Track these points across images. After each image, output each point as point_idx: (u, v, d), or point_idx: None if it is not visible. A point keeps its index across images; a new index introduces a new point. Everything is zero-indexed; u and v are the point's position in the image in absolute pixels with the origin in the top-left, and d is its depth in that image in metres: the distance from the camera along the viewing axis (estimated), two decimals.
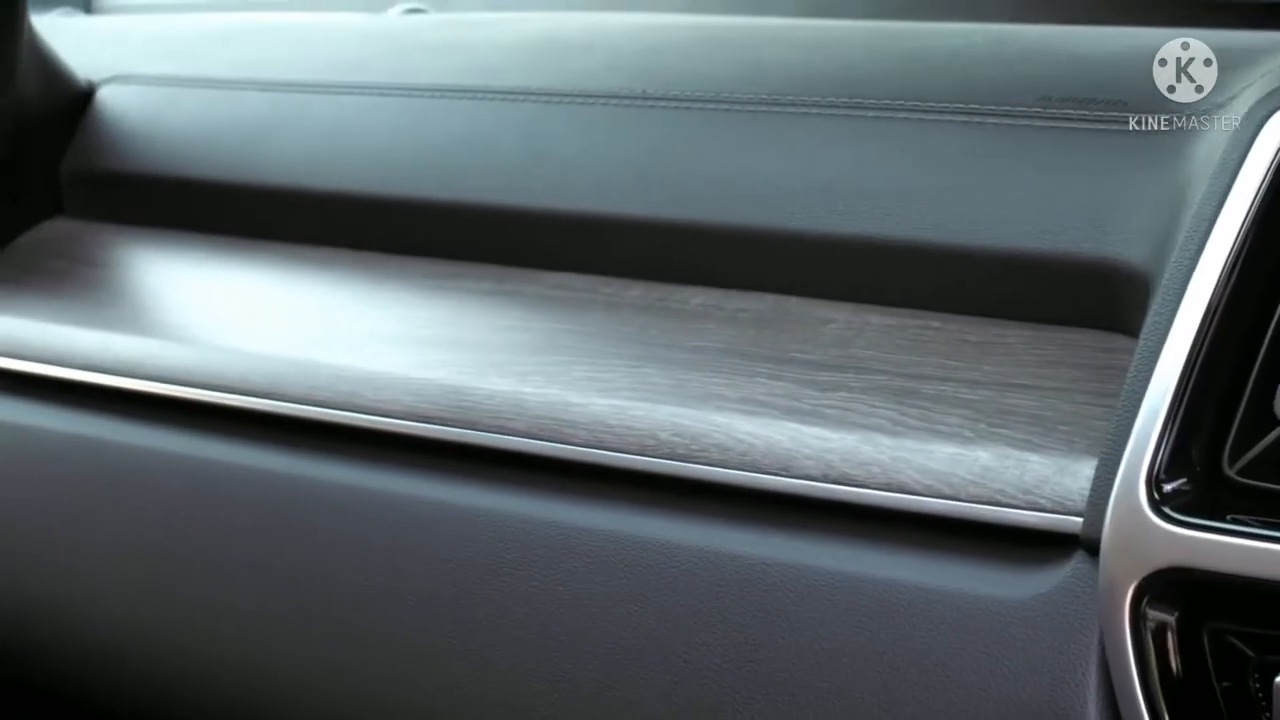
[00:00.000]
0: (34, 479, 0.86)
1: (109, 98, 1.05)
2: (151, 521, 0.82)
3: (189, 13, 1.37)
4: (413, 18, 1.16)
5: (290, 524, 0.79)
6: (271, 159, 0.95)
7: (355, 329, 0.83)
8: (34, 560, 0.86)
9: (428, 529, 0.75)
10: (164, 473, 0.82)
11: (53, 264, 0.98)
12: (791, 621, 0.65)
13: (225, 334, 0.85)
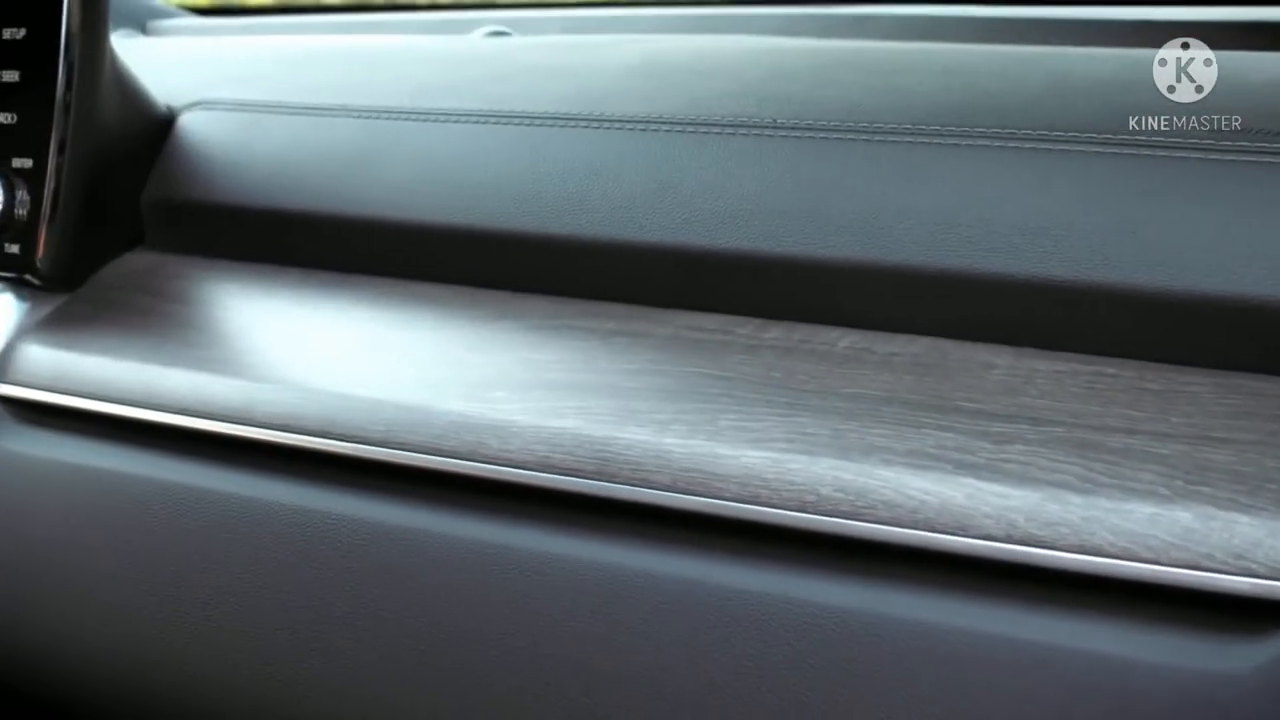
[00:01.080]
0: (131, 529, 0.83)
1: (191, 124, 1.02)
2: (260, 575, 0.79)
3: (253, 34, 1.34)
4: (505, 41, 1.12)
5: (410, 580, 0.75)
6: (371, 189, 0.91)
7: (473, 372, 0.79)
8: (133, 612, 0.82)
9: (563, 587, 0.71)
10: (272, 525, 0.79)
11: (138, 300, 0.94)
12: (973, 693, 0.61)
13: (331, 377, 0.82)
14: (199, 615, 0.80)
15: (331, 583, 0.77)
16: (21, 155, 0.95)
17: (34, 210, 0.95)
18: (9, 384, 0.91)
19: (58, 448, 0.88)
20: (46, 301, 0.96)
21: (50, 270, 0.95)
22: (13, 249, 0.95)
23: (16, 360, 0.92)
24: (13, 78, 0.96)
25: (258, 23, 1.62)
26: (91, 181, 0.96)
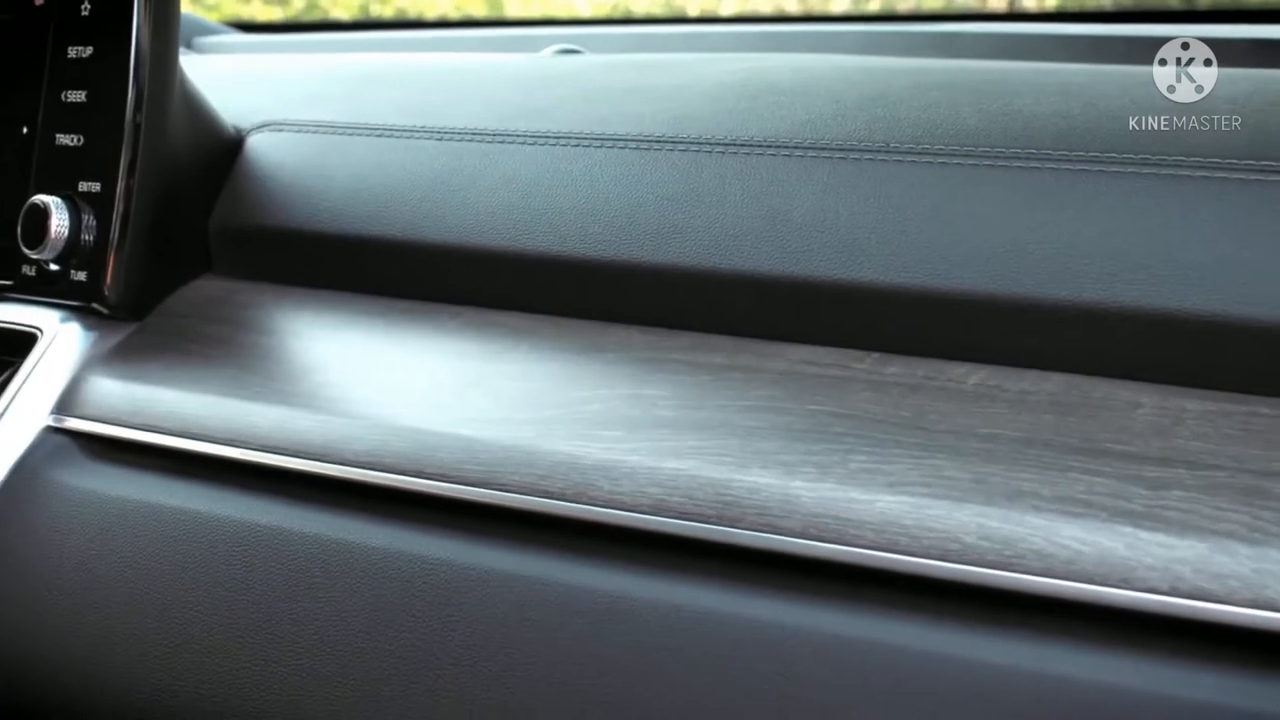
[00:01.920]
0: (207, 571, 0.79)
1: (260, 146, 0.99)
2: (347, 620, 0.75)
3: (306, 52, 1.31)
4: (582, 59, 1.10)
5: (514, 630, 0.72)
6: (458, 215, 0.88)
7: (577, 409, 0.76)
8: (210, 656, 0.79)
9: (683, 639, 0.68)
10: (361, 569, 0.76)
11: (209, 329, 0.91)
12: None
13: (420, 412, 0.79)
14: (281, 662, 0.77)
15: (426, 630, 0.74)
16: (89, 179, 0.92)
17: (102, 236, 0.91)
18: (78, 418, 0.88)
19: (130, 485, 0.85)
20: (114, 331, 0.93)
21: (119, 299, 0.92)
22: (79, 276, 0.92)
23: (86, 393, 0.89)
24: (79, 98, 0.93)
25: (308, 40, 1.59)
26: (160, 206, 0.93)
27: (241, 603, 0.79)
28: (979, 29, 1.19)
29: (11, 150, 0.97)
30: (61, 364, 0.90)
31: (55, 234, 0.91)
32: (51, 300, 0.94)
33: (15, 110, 0.97)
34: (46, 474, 0.87)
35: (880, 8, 1.36)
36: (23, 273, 0.94)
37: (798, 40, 1.23)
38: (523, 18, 1.45)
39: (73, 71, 0.93)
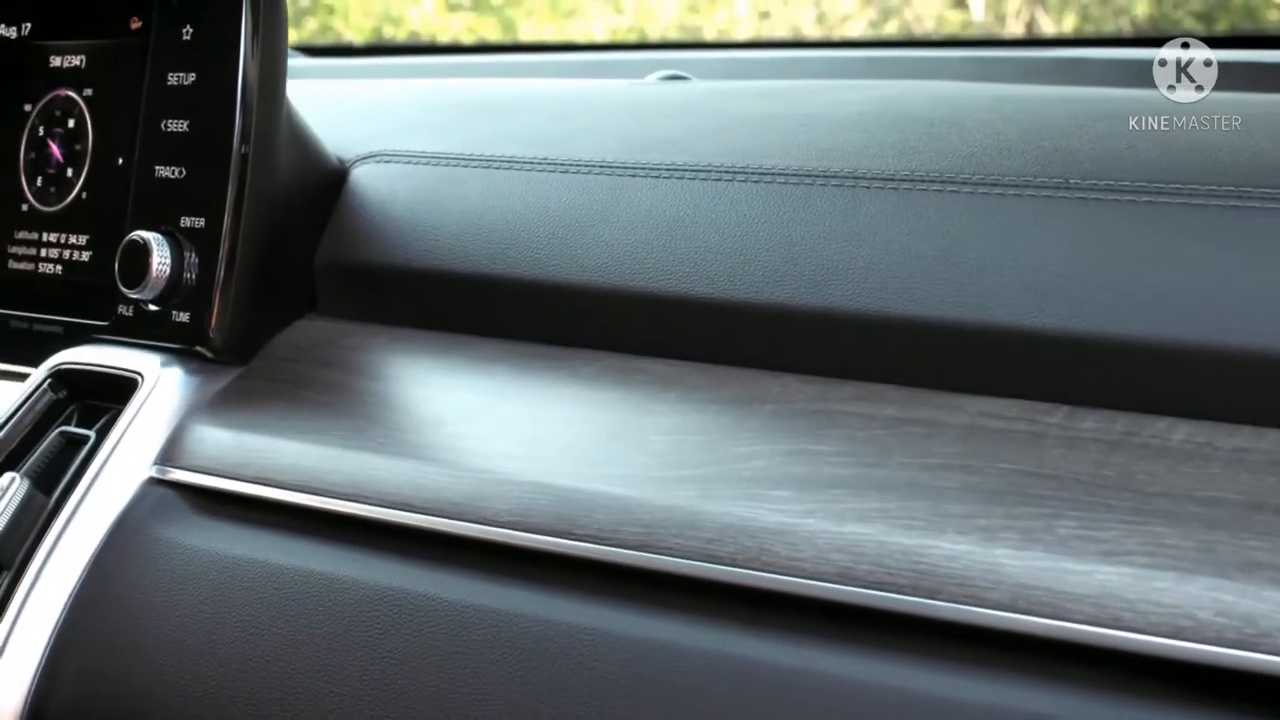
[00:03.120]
0: (326, 636, 0.75)
1: (366, 179, 0.94)
2: (498, 694, 0.71)
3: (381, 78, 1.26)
4: (701, 87, 1.05)
5: (684, 704, 0.67)
6: (587, 253, 0.84)
7: (742, 465, 0.71)
8: None
9: (877, 714, 0.63)
10: (512, 638, 0.71)
11: (322, 374, 0.87)
12: None
13: (568, 469, 0.74)
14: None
15: (583, 708, 0.69)
16: (192, 214, 0.87)
17: (205, 275, 0.87)
18: (185, 469, 0.84)
19: (243, 542, 0.80)
20: (217, 375, 0.89)
21: (224, 341, 0.87)
22: (181, 317, 0.87)
23: (191, 443, 0.84)
24: (180, 128, 0.89)
25: (379, 64, 1.55)
26: (267, 243, 0.89)
27: (371, 672, 0.74)
28: (1110, 54, 1.15)
29: (106, 183, 0.92)
30: (164, 411, 0.86)
31: (156, 273, 0.86)
32: (150, 343, 0.89)
33: (110, 140, 0.93)
34: (151, 529, 0.82)
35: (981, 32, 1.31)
36: (119, 313, 0.90)
37: (897, 66, 1.19)
38: (617, 41, 1.41)
39: (173, 99, 0.89)
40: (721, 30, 3.94)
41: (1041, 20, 3.59)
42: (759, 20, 4.29)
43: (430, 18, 3.75)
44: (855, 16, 4.05)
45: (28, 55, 0.98)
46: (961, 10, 3.86)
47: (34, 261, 0.95)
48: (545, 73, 1.41)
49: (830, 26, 4.07)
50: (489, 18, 3.78)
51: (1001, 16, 3.70)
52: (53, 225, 0.94)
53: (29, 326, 0.95)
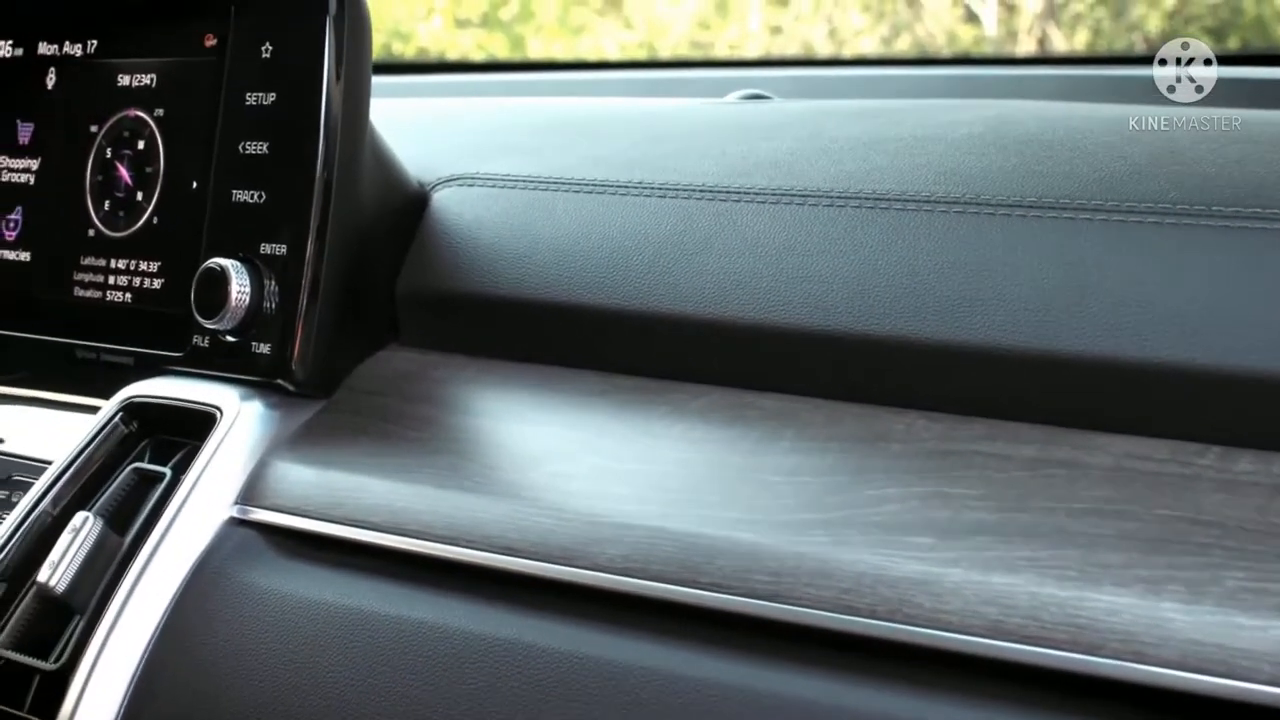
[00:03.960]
0: (443, 690, 0.71)
1: (449, 203, 0.91)
2: None
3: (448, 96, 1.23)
4: (789, 106, 1.02)
5: None
6: (691, 282, 0.81)
7: (869, 510, 0.68)
8: None
9: None
10: (630, 690, 0.68)
11: (411, 409, 0.84)
12: None
13: (684, 511, 0.71)
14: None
15: None
16: (272, 240, 0.84)
17: (287, 304, 0.84)
18: (267, 509, 0.80)
19: (334, 588, 0.77)
20: (298, 410, 0.86)
21: (306, 374, 0.84)
22: (262, 349, 0.84)
23: (273, 482, 0.81)
24: (259, 150, 0.85)
25: (439, 82, 1.52)
26: (350, 270, 0.86)
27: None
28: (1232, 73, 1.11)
29: (179, 207, 0.89)
30: (244, 448, 0.83)
31: (235, 302, 0.83)
32: (226, 375, 0.86)
33: (183, 163, 0.90)
34: (233, 573, 0.79)
35: None
36: (194, 344, 0.87)
37: (985, 85, 1.15)
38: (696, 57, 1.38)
39: (252, 120, 0.86)
40: (803, 46, 3.91)
41: (1054, 36, 3.58)
42: (770, 35, 4.27)
43: (439, 34, 3.72)
44: (867, 32, 4.04)
45: (94, 74, 0.95)
46: (974, 25, 3.85)
47: (101, 289, 0.92)
48: (608, 91, 1.38)
49: (842, 41, 4.06)
50: (498, 34, 3.75)
51: (1014, 32, 3.69)
52: (122, 251, 0.91)
53: (96, 357, 0.91)
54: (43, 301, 0.95)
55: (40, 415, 0.94)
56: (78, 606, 0.80)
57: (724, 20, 4.04)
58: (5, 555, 0.84)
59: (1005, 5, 3.74)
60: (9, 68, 0.99)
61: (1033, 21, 3.68)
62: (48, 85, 0.97)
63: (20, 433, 0.93)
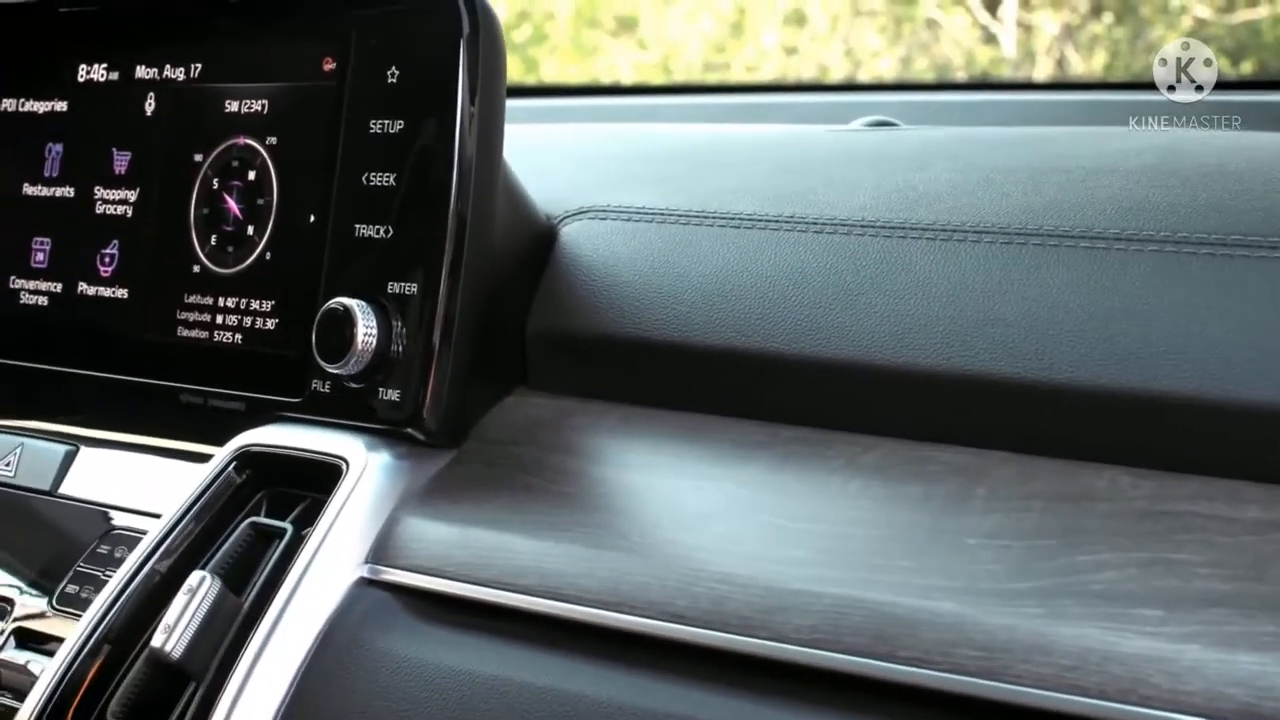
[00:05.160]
0: None
1: (580, 238, 0.87)
2: None
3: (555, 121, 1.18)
4: (924, 133, 0.98)
5: None
6: (857, 324, 0.76)
7: (1085, 578, 0.63)
8: None
9: None
10: None
11: (552, 460, 0.79)
12: None
13: (872, 578, 0.66)
14: None
15: None
16: (401, 279, 0.80)
17: (417, 348, 0.79)
18: (401, 569, 0.76)
19: (479, 656, 0.72)
20: (427, 460, 0.81)
21: (440, 423, 0.79)
22: (390, 395, 0.79)
23: (407, 539, 0.76)
24: (386, 181, 0.81)
25: (546, 106, 1.47)
26: (483, 311, 0.81)
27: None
28: None
29: (294, 242, 0.84)
30: (373, 502, 0.78)
31: (362, 344, 0.78)
32: (348, 423, 0.81)
33: (298, 194, 0.85)
34: (366, 637, 0.74)
35: None
36: (313, 389, 0.82)
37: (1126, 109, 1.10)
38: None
39: (377, 150, 0.81)
40: (819, 68, 3.89)
41: (1071, 58, 3.57)
42: (786, 56, 4.25)
43: None
44: (884, 53, 4.02)
45: (198, 100, 0.90)
46: (992, 47, 3.84)
47: (209, 329, 0.87)
48: (714, 117, 1.33)
49: (858, 61, 4.04)
50: (512, 57, 3.72)
51: (1032, 54, 3.67)
52: (231, 289, 0.86)
53: (203, 402, 0.86)
54: (143, 342, 0.90)
55: (142, 463, 0.89)
56: (195, 673, 0.75)
57: (739, 41, 4.02)
58: (113, 616, 0.79)
59: (1023, 27, 3.73)
60: (104, 93, 0.94)
61: (1051, 43, 3.67)
62: (147, 111, 0.92)
63: (122, 482, 0.88)
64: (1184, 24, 3.05)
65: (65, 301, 0.94)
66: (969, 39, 3.93)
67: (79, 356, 0.93)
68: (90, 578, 0.85)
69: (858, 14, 4.18)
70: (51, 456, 0.92)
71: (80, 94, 0.95)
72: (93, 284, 0.93)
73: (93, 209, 0.93)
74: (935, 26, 3.99)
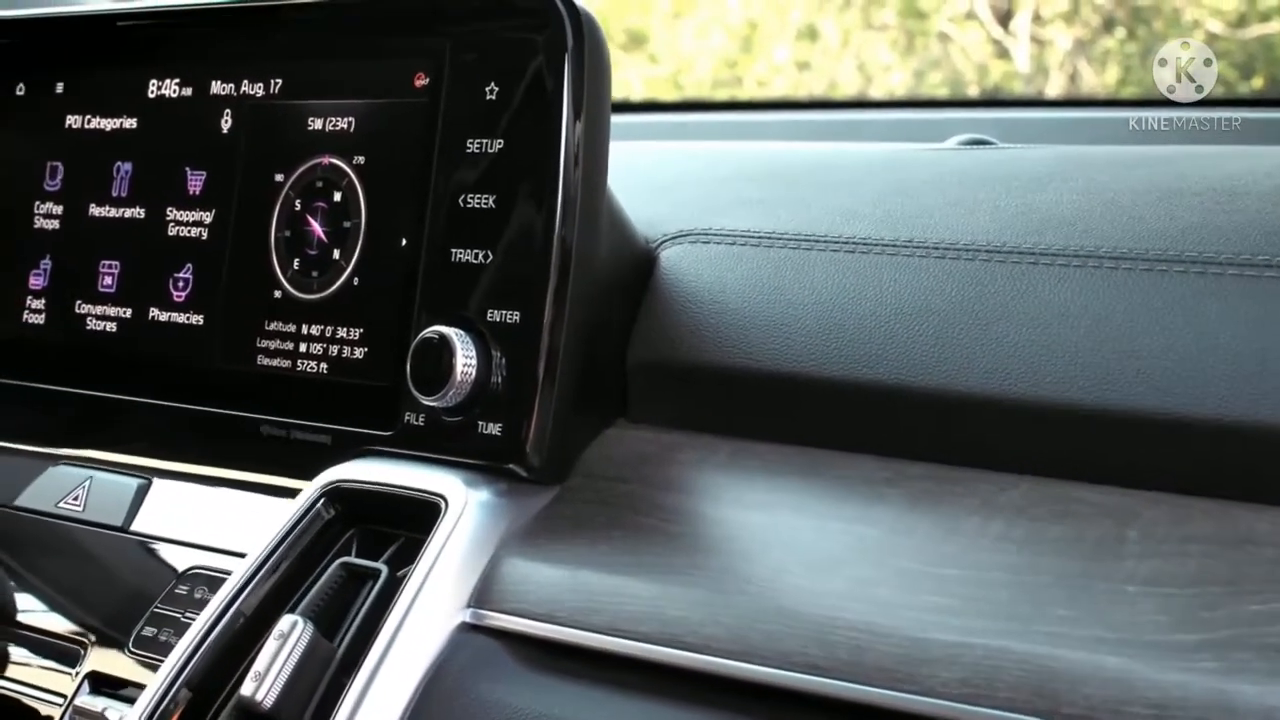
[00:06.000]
0: None
1: (680, 262, 0.83)
2: None
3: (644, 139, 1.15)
4: (1053, 153, 0.94)
5: None
6: (990, 356, 0.73)
7: (1258, 629, 0.60)
8: None
9: None
10: None
11: (664, 499, 0.76)
12: None
13: (1026, 629, 0.63)
14: None
15: None
16: (502, 306, 0.76)
17: (519, 379, 0.76)
18: (507, 614, 0.72)
19: (592, 706, 0.69)
20: (529, 498, 0.77)
21: (544, 459, 0.76)
22: (491, 429, 0.76)
23: (512, 582, 0.73)
24: (485, 203, 0.77)
25: (626, 122, 1.44)
26: (588, 339, 0.77)
27: None
28: None
29: (384, 267, 0.81)
30: (474, 543, 0.74)
31: (461, 375, 0.75)
32: (442, 458, 0.77)
33: (388, 216, 0.81)
34: (472, 687, 0.70)
35: None
36: (406, 421, 0.78)
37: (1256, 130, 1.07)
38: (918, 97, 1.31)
39: (475, 170, 0.78)
40: (830, 83, 3.87)
41: (1084, 72, 3.56)
42: (799, 72, 4.23)
43: None
44: (896, 67, 4.01)
45: (278, 117, 0.87)
46: (1005, 61, 3.83)
47: (291, 358, 0.83)
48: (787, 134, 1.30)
49: (870, 76, 4.02)
50: None
51: (1045, 68, 3.66)
52: (315, 316, 0.83)
53: (285, 434, 0.83)
54: (220, 371, 0.86)
55: (219, 497, 0.86)
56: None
57: (750, 56, 4.01)
58: (197, 662, 0.75)
59: (1036, 42, 3.73)
60: (177, 109, 0.91)
61: (1064, 58, 3.67)
62: (222, 129, 0.88)
63: (198, 518, 0.85)
64: (1196, 39, 3.03)
65: (135, 327, 0.90)
66: (982, 53, 3.92)
67: (150, 385, 0.89)
68: (169, 620, 0.81)
69: (869, 28, 4.16)
70: (123, 490, 0.88)
71: (151, 110, 0.92)
72: (165, 309, 0.89)
73: (164, 231, 0.90)
74: (948, 40, 3.97)
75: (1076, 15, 3.69)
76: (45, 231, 0.96)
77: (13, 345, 0.96)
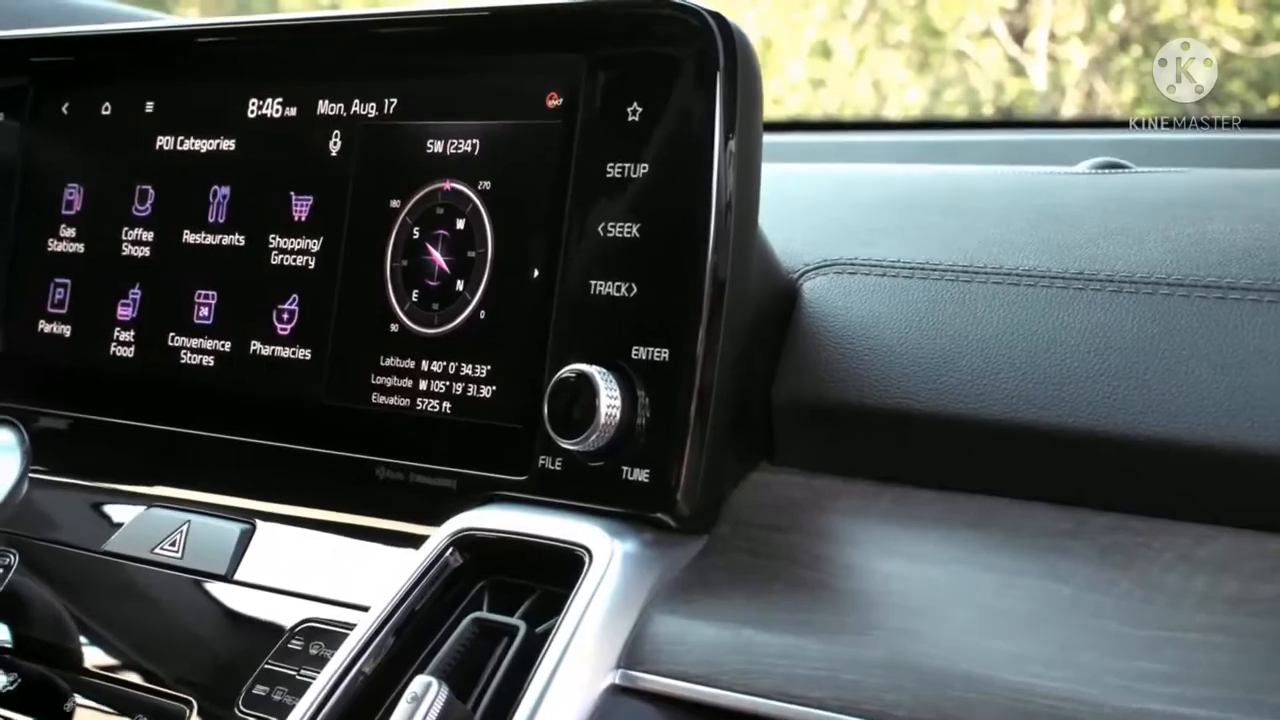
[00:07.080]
0: None
1: (825, 294, 0.79)
2: None
3: None
4: (1208, 177, 0.89)
5: None
6: (1178, 398, 0.68)
7: None
8: None
9: None
10: None
11: (822, 549, 0.72)
12: None
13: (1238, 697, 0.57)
14: None
15: None
16: (648, 343, 0.72)
17: (669, 421, 0.71)
18: (661, 675, 0.68)
19: None
20: (676, 548, 0.73)
21: (694, 507, 0.71)
22: (637, 475, 0.71)
23: (666, 642, 0.68)
24: (628, 232, 0.73)
25: None
26: (739, 377, 0.72)
27: None
28: None
29: (514, 299, 0.76)
30: (621, 597, 0.70)
31: (605, 417, 0.70)
32: (581, 505, 0.73)
33: (518, 246, 0.77)
34: None
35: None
36: (540, 466, 0.74)
37: None
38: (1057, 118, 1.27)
39: (616, 197, 0.74)
40: (845, 100, 3.86)
41: (1100, 90, 3.54)
42: (813, 89, 4.20)
43: None
44: (912, 84, 3.99)
45: (393, 139, 0.82)
46: (1021, 79, 3.81)
47: (410, 396, 0.79)
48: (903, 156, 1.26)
49: (886, 93, 4.00)
50: None
51: (1061, 86, 3.65)
52: (437, 352, 0.78)
53: (404, 478, 0.78)
54: (330, 408, 0.82)
55: (330, 544, 0.81)
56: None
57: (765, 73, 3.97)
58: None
59: (1051, 59, 3.72)
60: (279, 130, 0.86)
61: (1080, 76, 3.65)
62: (331, 151, 0.84)
63: (309, 566, 0.80)
64: (1212, 55, 3.02)
65: (235, 361, 0.86)
66: (998, 70, 3.91)
67: (250, 422, 0.85)
68: (282, 678, 0.76)
69: (884, 46, 4.14)
70: (225, 536, 0.83)
71: (251, 131, 0.88)
72: (268, 343, 0.84)
73: (267, 259, 0.85)
74: (964, 58, 3.96)
75: (1092, 33, 3.67)
76: (134, 259, 0.91)
77: (98, 378, 0.92)
